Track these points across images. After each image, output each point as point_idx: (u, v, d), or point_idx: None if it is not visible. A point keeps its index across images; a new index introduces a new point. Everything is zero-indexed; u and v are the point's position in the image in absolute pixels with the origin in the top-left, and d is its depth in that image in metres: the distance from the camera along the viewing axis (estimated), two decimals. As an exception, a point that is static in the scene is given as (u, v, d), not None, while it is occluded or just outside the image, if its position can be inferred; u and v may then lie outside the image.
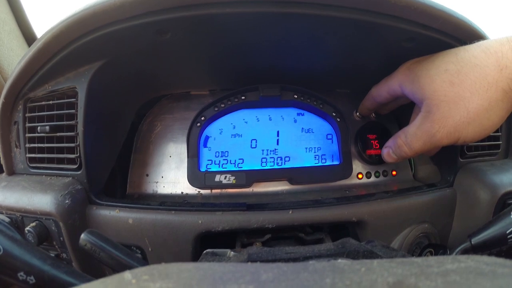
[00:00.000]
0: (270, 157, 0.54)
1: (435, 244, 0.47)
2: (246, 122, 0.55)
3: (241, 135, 0.54)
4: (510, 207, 0.38)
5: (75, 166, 0.43)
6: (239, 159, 0.53)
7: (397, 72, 0.44)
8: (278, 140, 0.55)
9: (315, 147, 0.55)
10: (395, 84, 0.44)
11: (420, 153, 0.43)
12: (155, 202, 0.44)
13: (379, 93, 0.48)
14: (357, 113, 0.58)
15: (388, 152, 0.46)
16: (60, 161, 0.45)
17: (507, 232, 0.36)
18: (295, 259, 0.28)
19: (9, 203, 0.42)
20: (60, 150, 0.45)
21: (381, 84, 0.47)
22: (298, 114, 0.56)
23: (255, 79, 0.52)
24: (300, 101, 0.54)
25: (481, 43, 0.38)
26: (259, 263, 0.19)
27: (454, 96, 0.37)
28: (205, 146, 0.53)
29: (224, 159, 0.53)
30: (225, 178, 0.51)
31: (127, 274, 0.17)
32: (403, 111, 0.53)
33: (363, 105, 0.54)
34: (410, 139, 0.42)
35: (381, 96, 0.48)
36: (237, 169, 0.53)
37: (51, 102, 0.45)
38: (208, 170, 0.52)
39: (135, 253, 0.38)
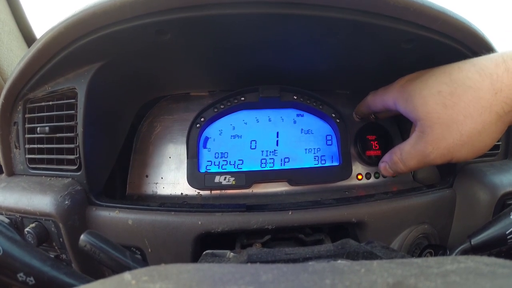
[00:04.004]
0: (270, 158, 0.54)
1: (434, 244, 0.47)
2: (246, 123, 0.55)
3: (240, 136, 0.54)
4: (510, 207, 0.38)
5: (74, 167, 0.43)
6: (239, 160, 0.53)
7: (392, 88, 0.45)
8: (277, 141, 0.55)
9: (314, 148, 0.55)
10: (390, 100, 0.45)
11: (415, 169, 0.44)
12: (155, 203, 0.44)
13: (374, 103, 0.49)
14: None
15: (385, 166, 0.47)
16: (60, 162, 0.45)
17: (507, 232, 0.36)
18: (294, 260, 0.28)
19: (9, 204, 0.42)
20: (60, 151, 0.45)
21: (377, 95, 0.48)
22: (297, 115, 0.56)
23: (254, 80, 0.52)
24: (300, 102, 0.54)
25: (475, 62, 0.37)
26: (259, 264, 0.19)
27: (447, 119, 0.37)
28: (204, 147, 0.53)
29: (223, 160, 0.53)
30: (224, 179, 0.51)
31: (126, 275, 0.17)
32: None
33: (358, 108, 0.55)
34: (405, 157, 0.42)
35: (375, 107, 0.49)
36: (237, 170, 0.53)
37: (50, 103, 0.45)
38: (208, 171, 0.52)
39: (134, 254, 0.38)
